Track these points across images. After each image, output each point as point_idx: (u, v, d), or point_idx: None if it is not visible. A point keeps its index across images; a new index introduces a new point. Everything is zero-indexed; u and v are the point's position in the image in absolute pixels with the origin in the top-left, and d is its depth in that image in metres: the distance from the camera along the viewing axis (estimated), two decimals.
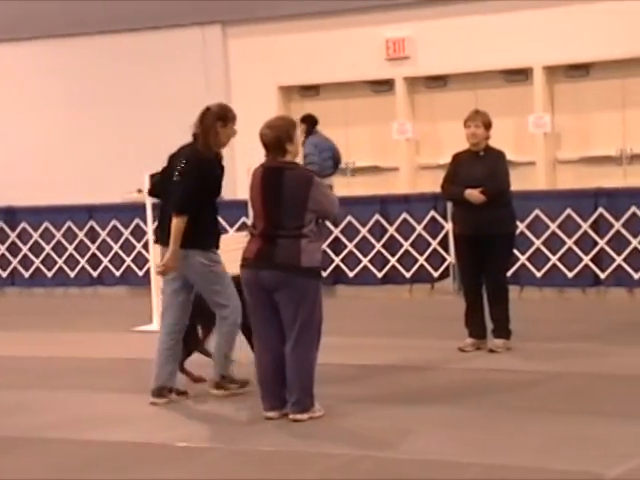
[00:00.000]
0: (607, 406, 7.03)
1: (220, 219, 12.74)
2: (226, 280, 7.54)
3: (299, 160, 7.32)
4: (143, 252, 12.90)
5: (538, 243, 11.58)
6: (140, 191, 13.05)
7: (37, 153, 16.36)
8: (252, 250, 6.95)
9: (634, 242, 11.12)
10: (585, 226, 11.35)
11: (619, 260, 11.19)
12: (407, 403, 7.32)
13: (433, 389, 7.69)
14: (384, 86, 14.98)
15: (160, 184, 7.70)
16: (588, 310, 10.85)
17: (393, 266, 12.26)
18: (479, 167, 8.73)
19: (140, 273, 13.12)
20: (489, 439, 6.41)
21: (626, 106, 13.79)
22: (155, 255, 11.11)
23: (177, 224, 7.26)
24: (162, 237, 7.51)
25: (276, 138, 6.87)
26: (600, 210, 11.29)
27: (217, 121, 7.45)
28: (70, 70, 16.31)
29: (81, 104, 16.27)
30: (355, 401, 7.41)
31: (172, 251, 7.31)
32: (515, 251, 10.58)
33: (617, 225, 11.19)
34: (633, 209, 11.11)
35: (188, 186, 7.31)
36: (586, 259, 11.34)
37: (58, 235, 13.70)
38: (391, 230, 12.25)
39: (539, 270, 11.55)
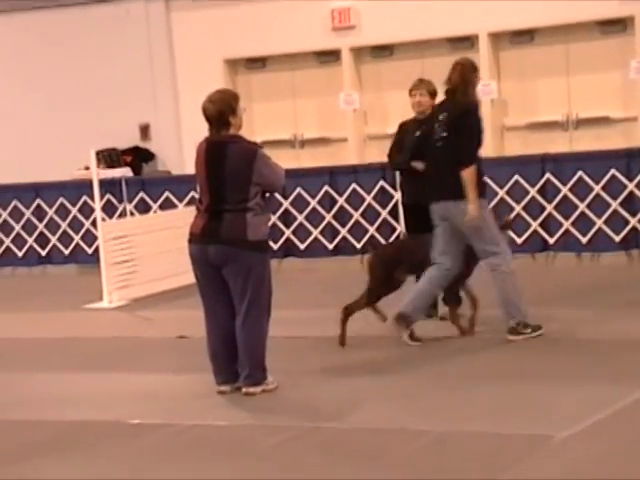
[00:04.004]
0: (554, 370, 7.11)
1: (169, 194, 12.83)
2: (494, 228, 7.90)
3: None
4: (92, 229, 12.79)
5: None
6: (87, 168, 12.94)
7: None
8: (198, 225, 6.92)
9: (581, 206, 11.22)
10: (533, 192, 11.43)
11: (567, 225, 11.29)
12: (358, 374, 7.35)
13: (384, 359, 7.72)
14: (330, 57, 14.95)
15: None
16: (537, 275, 10.93)
17: (344, 237, 12.27)
18: None
19: (89, 251, 13.02)
20: (439, 407, 6.46)
21: (570, 71, 13.89)
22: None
23: (470, 175, 7.65)
24: (434, 193, 7.90)
25: (219, 112, 6.82)
26: (547, 175, 11.36)
27: (474, 72, 7.95)
28: (15, 46, 16.09)
29: (26, 81, 16.08)
30: (307, 373, 7.43)
31: (473, 200, 7.69)
32: None
33: (564, 190, 11.28)
34: (580, 174, 11.20)
35: (470, 136, 7.73)
36: (534, 225, 11.42)
37: (4, 214, 13.54)
38: (341, 201, 12.25)
39: None
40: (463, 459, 5.50)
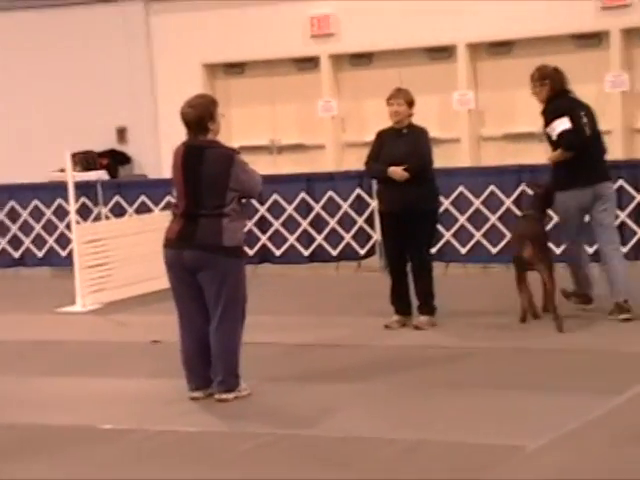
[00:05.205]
0: (528, 380, 7.13)
1: (145, 198, 12.78)
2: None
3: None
4: (65, 232, 12.73)
5: (462, 219, 11.68)
6: (63, 170, 12.88)
7: None
8: (174, 230, 6.91)
9: (555, 218, 11.24)
10: (508, 202, 11.47)
11: None
12: (332, 381, 7.35)
13: (357, 367, 7.73)
14: (309, 64, 14.96)
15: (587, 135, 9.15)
16: (512, 286, 10.93)
17: (319, 244, 12.28)
18: (402, 144, 8.77)
19: (63, 253, 12.95)
20: (412, 415, 6.47)
21: None
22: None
23: None
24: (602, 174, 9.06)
25: (198, 117, 6.82)
26: (523, 186, 11.40)
27: None
28: None
29: (0, 82, 15.97)
30: (280, 380, 7.43)
31: None
32: (440, 227, 10.66)
33: None
34: None
35: None
36: (509, 235, 11.44)
37: None
38: (317, 208, 12.26)
39: (463, 246, 11.66)
40: (433, 468, 5.51)
